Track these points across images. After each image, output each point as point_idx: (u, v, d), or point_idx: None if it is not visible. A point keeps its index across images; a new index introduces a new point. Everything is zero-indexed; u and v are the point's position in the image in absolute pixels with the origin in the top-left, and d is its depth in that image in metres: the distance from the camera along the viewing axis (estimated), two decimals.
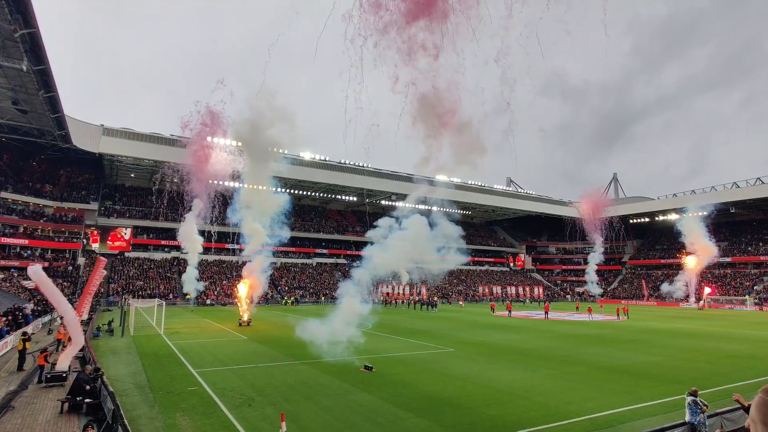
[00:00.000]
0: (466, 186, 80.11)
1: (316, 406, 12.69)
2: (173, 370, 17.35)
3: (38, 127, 42.84)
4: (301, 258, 72.49)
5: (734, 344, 25.93)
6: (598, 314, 46.77)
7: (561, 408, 12.64)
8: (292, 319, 37.96)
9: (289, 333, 28.56)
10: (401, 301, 62.13)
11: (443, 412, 12.27)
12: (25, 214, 51.67)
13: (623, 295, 77.96)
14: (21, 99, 36.47)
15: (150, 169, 59.54)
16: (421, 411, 12.36)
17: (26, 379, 16.25)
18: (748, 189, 67.36)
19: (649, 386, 15.22)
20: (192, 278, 50.56)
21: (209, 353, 21.22)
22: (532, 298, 74.69)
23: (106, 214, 59.79)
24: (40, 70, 31.64)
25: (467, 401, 13.36)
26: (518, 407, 12.82)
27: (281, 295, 59.71)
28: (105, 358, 19.73)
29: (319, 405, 12.85)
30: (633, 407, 12.79)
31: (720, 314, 51.83)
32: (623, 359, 20.49)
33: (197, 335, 27.70)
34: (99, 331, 27.22)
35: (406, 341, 26.31)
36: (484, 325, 36.19)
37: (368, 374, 16.80)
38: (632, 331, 32.97)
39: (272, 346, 23.59)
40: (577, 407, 12.70)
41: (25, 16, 26.51)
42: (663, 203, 79.72)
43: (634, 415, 12.11)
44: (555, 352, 22.65)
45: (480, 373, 17.25)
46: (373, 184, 69.40)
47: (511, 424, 11.38)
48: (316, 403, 12.99)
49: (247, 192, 35.82)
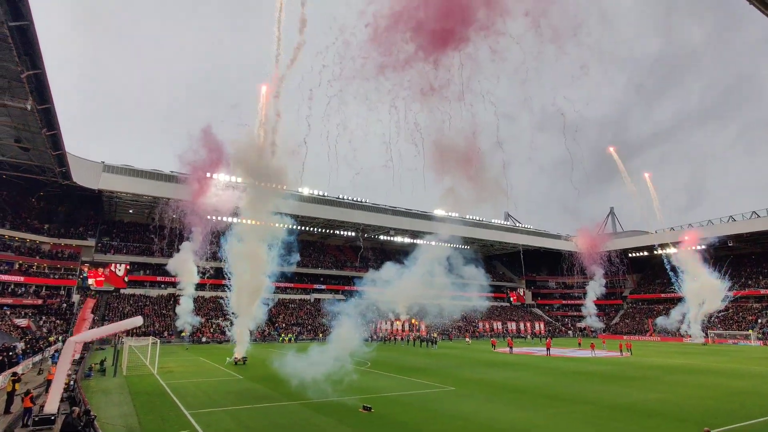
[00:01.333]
0: (465, 220, 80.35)
1: None
2: (166, 412, 16.82)
3: (39, 164, 43.22)
4: (298, 294, 71.71)
5: (742, 381, 25.38)
6: (600, 350, 45.94)
7: None
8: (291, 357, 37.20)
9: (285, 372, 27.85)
10: (400, 338, 61.07)
11: None
12: (21, 250, 51.40)
13: (625, 330, 76.86)
14: (24, 137, 36.94)
15: (149, 205, 59.73)
16: None
17: (12, 422, 15.69)
18: (744, 222, 67.66)
19: (656, 426, 14.77)
20: (186, 311, 49.72)
21: (203, 393, 20.63)
22: (534, 333, 73.49)
23: (103, 250, 59.46)
24: (44, 109, 32.20)
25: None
26: None
27: (278, 332, 58.66)
28: (96, 398, 19.15)
29: None
30: None
31: (724, 349, 50.99)
32: (628, 397, 19.98)
33: (191, 374, 27.01)
34: (91, 370, 26.54)
35: (406, 379, 25.69)
36: (485, 362, 35.47)
37: (367, 415, 16.30)
38: (636, 367, 32.31)
39: (268, 385, 22.99)
40: None
41: (32, 57, 27.21)
42: (660, 237, 79.81)
43: None
44: (558, 390, 22.10)
45: (481, 413, 16.76)
46: (371, 220, 69.56)
47: None
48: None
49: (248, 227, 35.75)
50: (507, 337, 61.23)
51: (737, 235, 68.83)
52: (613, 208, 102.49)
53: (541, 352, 43.91)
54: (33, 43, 26.00)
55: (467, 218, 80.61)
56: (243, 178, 38.12)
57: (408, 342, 57.88)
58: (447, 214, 77.86)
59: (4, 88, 29.43)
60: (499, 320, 78.39)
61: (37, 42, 25.93)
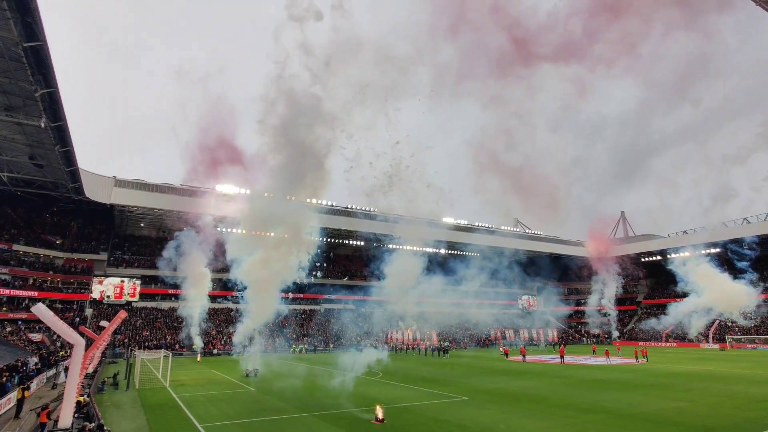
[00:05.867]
0: (474, 228, 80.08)
1: None
2: (178, 425, 16.83)
3: (52, 180, 43.94)
4: (309, 304, 71.68)
5: (762, 388, 24.76)
6: (615, 357, 45.25)
7: None
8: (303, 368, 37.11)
9: (297, 383, 27.82)
10: (412, 348, 60.70)
11: None
12: (35, 266, 52.07)
13: (640, 336, 75.65)
14: (37, 154, 37.62)
15: (160, 219, 60.30)
16: None
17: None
18: (759, 225, 66.55)
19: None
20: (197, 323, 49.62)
21: (215, 406, 20.61)
22: (546, 341, 72.58)
23: (115, 264, 60.07)
24: (57, 126, 32.80)
25: None
26: None
27: (289, 344, 58.59)
28: (109, 412, 19.21)
29: None
30: None
31: (743, 355, 49.94)
32: (645, 405, 19.60)
33: (203, 387, 27.03)
34: (104, 384, 26.69)
35: (418, 389, 25.45)
36: (498, 371, 35.06)
37: (380, 426, 16.15)
38: (653, 374, 31.72)
39: (280, 397, 22.89)
40: None
41: (46, 76, 27.79)
42: (673, 241, 78.77)
43: None
44: (573, 398, 21.74)
45: (496, 424, 16.52)
46: (380, 229, 69.50)
47: None
48: None
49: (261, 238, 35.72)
50: (520, 345, 60.60)
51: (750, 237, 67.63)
52: (624, 212, 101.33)
53: (555, 360, 43.33)
54: (46, 63, 26.57)
55: (477, 225, 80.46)
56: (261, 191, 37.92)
57: (419, 352, 57.47)
58: (457, 222, 77.78)
59: (18, 106, 30.08)
60: (511, 327, 77.59)
61: (50, 61, 26.49)
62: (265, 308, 35.12)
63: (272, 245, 33.64)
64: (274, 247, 33.24)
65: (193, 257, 51.34)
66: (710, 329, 65.35)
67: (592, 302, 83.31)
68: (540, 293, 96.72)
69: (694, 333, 65.56)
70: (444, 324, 70.18)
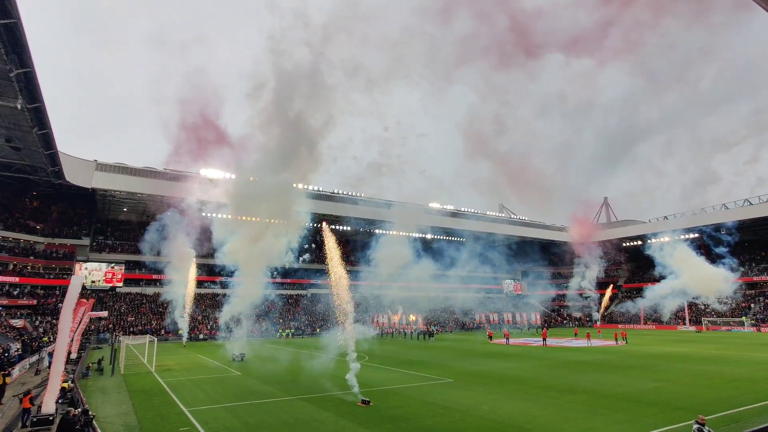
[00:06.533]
0: (460, 213, 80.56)
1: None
2: (164, 410, 16.84)
3: (31, 163, 42.82)
4: (295, 289, 71.72)
5: (735, 367, 25.70)
6: (596, 339, 46.37)
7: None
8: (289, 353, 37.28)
9: (283, 367, 27.98)
10: (397, 331, 61.30)
11: None
12: (15, 251, 51.04)
13: (620, 319, 77.50)
14: (14, 136, 36.55)
15: (143, 203, 59.37)
16: None
17: (11, 423, 15.67)
18: (737, 210, 68.08)
19: (653, 413, 14.94)
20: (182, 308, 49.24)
21: (201, 390, 20.65)
22: (530, 324, 73.91)
23: (98, 249, 59.17)
24: (35, 108, 31.86)
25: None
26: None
27: (276, 328, 58.70)
28: (94, 397, 19.13)
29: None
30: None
31: (718, 336, 51.57)
32: (625, 386, 20.19)
33: (189, 372, 27.01)
34: (88, 370, 26.51)
35: (404, 372, 25.81)
36: (482, 354, 35.68)
37: (366, 409, 16.38)
38: (632, 356, 32.63)
39: (266, 381, 23.02)
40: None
41: (21, 56, 26.87)
42: (653, 226, 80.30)
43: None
44: (555, 380, 22.29)
45: (480, 405, 16.87)
46: (366, 214, 69.46)
47: None
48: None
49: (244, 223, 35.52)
50: (503, 328, 61.62)
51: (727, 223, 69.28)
52: (606, 198, 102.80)
53: (538, 343, 44.25)
54: (21, 42, 25.66)
55: (462, 210, 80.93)
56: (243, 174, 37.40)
57: (405, 335, 58.13)
58: (442, 207, 78.08)
59: None
60: (495, 311, 78.76)
61: (25, 40, 25.58)
62: (252, 291, 35.05)
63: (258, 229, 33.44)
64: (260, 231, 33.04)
65: (178, 241, 50.82)
66: (685, 312, 67.21)
67: (574, 286, 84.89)
68: (524, 278, 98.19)
69: (668, 315, 67.27)
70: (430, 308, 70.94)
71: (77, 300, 18.30)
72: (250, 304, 36.04)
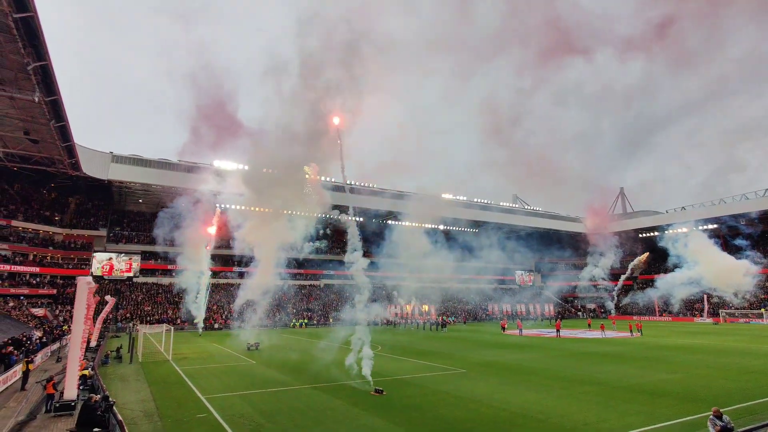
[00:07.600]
0: (474, 204, 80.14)
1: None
2: (182, 397, 17.18)
3: (49, 156, 43.54)
4: (309, 280, 72.26)
5: (753, 360, 25.29)
6: (611, 331, 45.98)
7: (577, 430, 12.31)
8: (303, 342, 37.68)
9: (297, 357, 28.31)
10: (410, 322, 61.54)
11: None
12: (35, 241, 52.19)
13: (635, 310, 76.69)
14: (32, 129, 37.14)
15: (158, 195, 60.13)
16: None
17: (35, 408, 16.14)
18: (757, 201, 66.62)
19: (667, 405, 14.81)
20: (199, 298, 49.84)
21: (217, 379, 21.01)
22: (543, 315, 73.60)
23: (115, 239, 60.24)
24: (52, 100, 32.29)
25: (481, 425, 13.05)
26: (534, 430, 12.50)
27: (290, 318, 59.35)
28: (113, 384, 19.60)
29: (330, 430, 12.61)
30: (651, 428, 12.41)
31: (736, 328, 50.76)
32: (639, 377, 20.02)
33: (205, 360, 27.50)
34: (107, 357, 27.13)
35: (417, 362, 25.93)
36: (495, 345, 35.66)
37: (379, 398, 16.52)
38: (647, 347, 32.31)
39: (281, 370, 23.33)
40: (593, 429, 12.36)
41: (37, 49, 27.20)
42: (671, 217, 79.02)
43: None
44: (568, 371, 22.19)
45: (493, 395, 16.90)
46: (376, 204, 69.44)
47: None
48: (327, 429, 12.76)
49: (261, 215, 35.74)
50: (516, 319, 61.47)
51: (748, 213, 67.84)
52: (623, 188, 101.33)
53: (551, 334, 44.04)
54: (38, 35, 25.95)
55: (475, 201, 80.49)
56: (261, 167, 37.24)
57: (417, 326, 58.35)
58: (456, 198, 77.71)
59: (10, 80, 29.50)
60: (508, 302, 78.56)
61: (41, 33, 25.87)
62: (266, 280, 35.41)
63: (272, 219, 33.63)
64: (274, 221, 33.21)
65: (192, 231, 51.41)
66: (704, 303, 66.24)
67: (589, 277, 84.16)
68: (538, 269, 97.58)
69: (678, 306, 66.44)
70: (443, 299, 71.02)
71: (91, 296, 18.79)
72: (264, 294, 36.43)
